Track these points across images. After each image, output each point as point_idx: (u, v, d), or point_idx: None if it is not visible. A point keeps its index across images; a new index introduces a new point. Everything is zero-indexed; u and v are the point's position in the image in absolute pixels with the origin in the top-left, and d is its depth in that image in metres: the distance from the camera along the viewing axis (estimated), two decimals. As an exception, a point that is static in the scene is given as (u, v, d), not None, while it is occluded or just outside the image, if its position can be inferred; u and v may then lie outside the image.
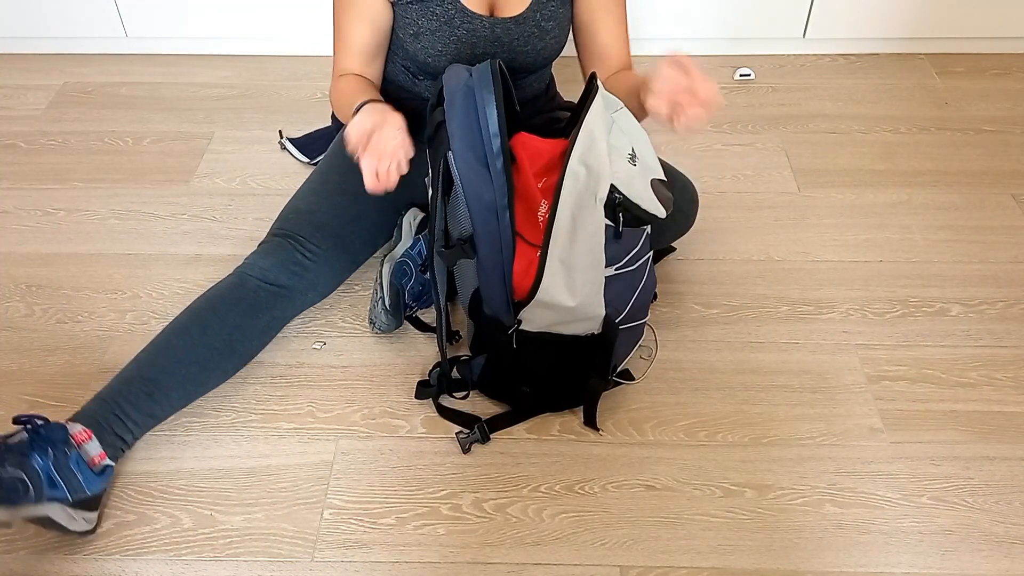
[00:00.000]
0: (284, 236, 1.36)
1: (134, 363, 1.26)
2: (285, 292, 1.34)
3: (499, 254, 1.18)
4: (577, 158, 1.12)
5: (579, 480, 1.26)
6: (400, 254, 1.45)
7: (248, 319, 1.31)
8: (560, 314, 1.21)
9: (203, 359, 1.27)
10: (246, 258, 1.36)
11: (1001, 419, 1.33)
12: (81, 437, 1.16)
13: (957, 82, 2.04)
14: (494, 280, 1.21)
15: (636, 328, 1.32)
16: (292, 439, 1.32)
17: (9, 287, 1.57)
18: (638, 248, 1.23)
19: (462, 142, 1.13)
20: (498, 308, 1.23)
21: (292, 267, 1.34)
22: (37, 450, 1.11)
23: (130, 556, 1.18)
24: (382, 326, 1.42)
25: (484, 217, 1.16)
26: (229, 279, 1.34)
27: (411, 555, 1.18)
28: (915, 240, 1.63)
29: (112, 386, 1.23)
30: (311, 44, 2.12)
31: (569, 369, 1.29)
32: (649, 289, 1.31)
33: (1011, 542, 1.19)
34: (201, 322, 1.28)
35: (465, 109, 1.13)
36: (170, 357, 1.25)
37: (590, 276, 1.18)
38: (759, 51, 2.13)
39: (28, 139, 1.91)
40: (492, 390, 1.35)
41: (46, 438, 1.13)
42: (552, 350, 1.26)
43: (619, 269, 1.21)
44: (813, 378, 1.39)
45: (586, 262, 1.17)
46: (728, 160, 1.83)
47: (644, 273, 1.27)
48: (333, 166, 1.45)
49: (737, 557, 1.17)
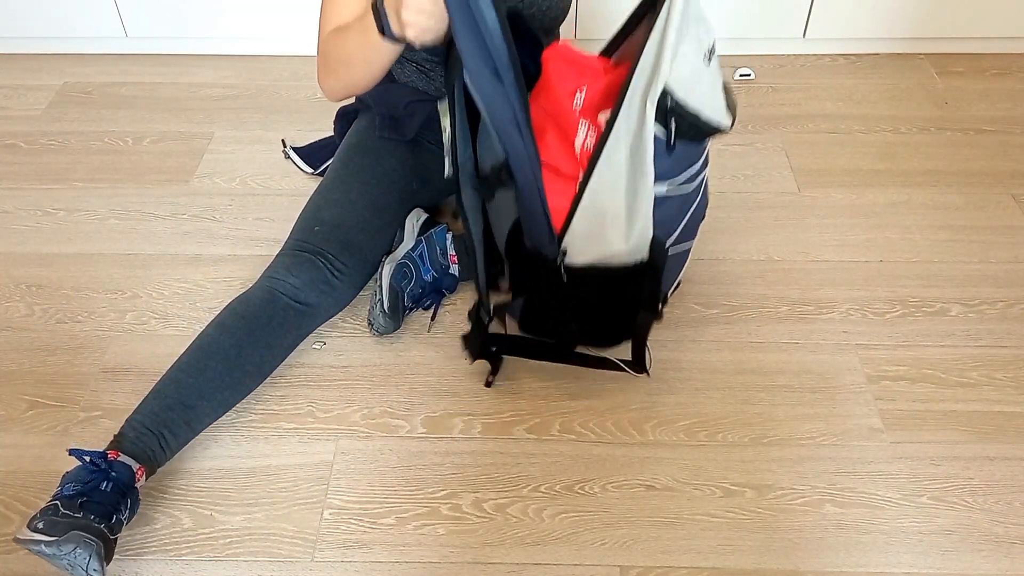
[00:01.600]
0: (314, 253, 1.34)
1: (173, 385, 1.23)
2: (311, 311, 1.34)
3: (531, 173, 1.11)
4: (651, 52, 0.98)
5: (579, 480, 1.26)
6: (401, 255, 1.45)
7: (277, 339, 1.31)
8: (607, 232, 1.10)
9: (237, 383, 1.27)
10: (274, 271, 1.34)
11: (1001, 419, 1.33)
12: (139, 475, 1.17)
13: (957, 82, 2.04)
14: (532, 204, 1.13)
15: (682, 253, 1.22)
16: (292, 439, 1.32)
17: (9, 287, 1.57)
18: (698, 165, 1.11)
19: (473, 60, 1.05)
20: (539, 238, 1.16)
21: (322, 286, 1.34)
22: (124, 505, 1.13)
23: (130, 556, 1.18)
24: (380, 328, 1.42)
25: (511, 137, 1.09)
26: (259, 294, 1.32)
27: (411, 555, 1.18)
28: (915, 240, 1.63)
29: (155, 412, 1.21)
30: (311, 44, 2.12)
31: (617, 302, 1.20)
32: (702, 208, 1.19)
33: (1011, 542, 1.19)
34: (237, 343, 1.27)
35: (465, 21, 1.04)
36: (208, 381, 1.24)
37: (638, 185, 1.07)
38: (759, 51, 2.13)
39: (28, 139, 1.91)
40: (536, 329, 1.28)
41: (124, 487, 1.14)
42: (600, 282, 1.17)
43: (671, 188, 1.10)
44: (813, 378, 1.39)
45: (636, 171, 1.05)
46: (728, 160, 1.83)
47: (699, 193, 1.16)
48: (352, 174, 1.43)
49: (737, 557, 1.17)
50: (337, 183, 1.43)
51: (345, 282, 1.36)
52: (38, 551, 1.06)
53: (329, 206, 1.40)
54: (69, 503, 1.09)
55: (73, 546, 1.05)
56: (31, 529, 1.07)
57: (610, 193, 1.08)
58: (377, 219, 1.41)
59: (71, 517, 1.08)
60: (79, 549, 1.05)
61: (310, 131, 1.90)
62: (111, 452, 1.15)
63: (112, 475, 1.13)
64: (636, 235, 1.11)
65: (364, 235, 1.39)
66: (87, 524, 1.08)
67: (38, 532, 1.06)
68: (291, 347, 1.35)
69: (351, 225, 1.38)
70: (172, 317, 1.50)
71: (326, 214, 1.39)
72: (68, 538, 1.05)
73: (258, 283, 1.34)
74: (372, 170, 1.43)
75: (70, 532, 1.06)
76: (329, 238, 1.36)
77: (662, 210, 1.11)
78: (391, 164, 1.45)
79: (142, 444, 1.18)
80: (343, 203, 1.40)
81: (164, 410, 1.21)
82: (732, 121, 1.08)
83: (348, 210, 1.39)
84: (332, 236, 1.36)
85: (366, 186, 1.41)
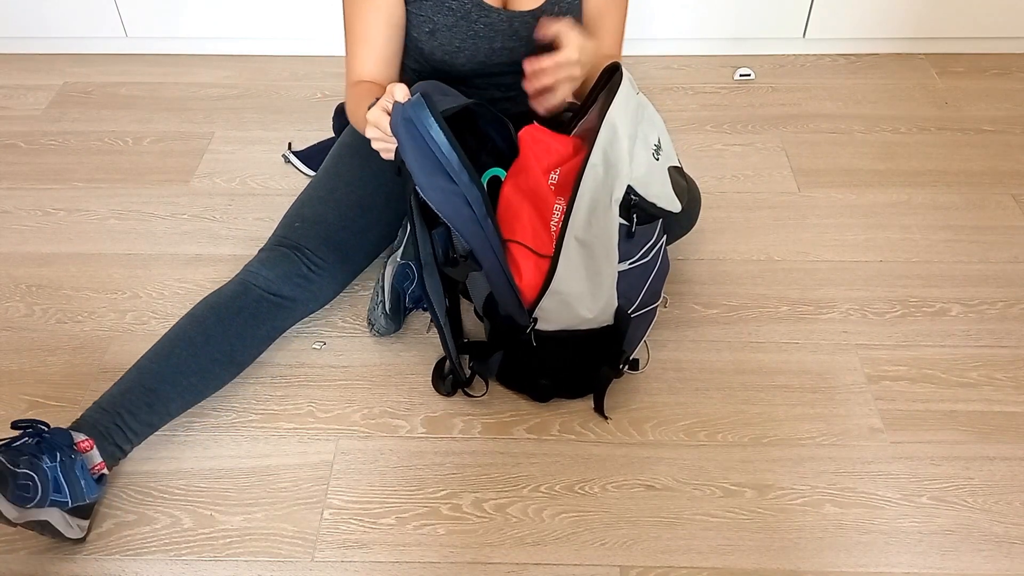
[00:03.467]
0: (290, 247, 1.35)
1: (135, 370, 1.25)
2: (287, 303, 1.33)
3: (496, 260, 1.19)
4: (600, 150, 1.11)
5: (579, 480, 1.26)
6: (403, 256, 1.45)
7: (249, 329, 1.30)
8: (574, 307, 1.21)
9: (204, 369, 1.27)
10: (249, 264, 1.35)
11: (1001, 419, 1.33)
12: (84, 446, 1.16)
13: (957, 82, 2.04)
14: (501, 284, 1.22)
15: (649, 313, 1.32)
16: (292, 439, 1.32)
17: (9, 287, 1.57)
18: (652, 240, 1.24)
19: (422, 172, 1.13)
20: (512, 309, 1.24)
21: (296, 279, 1.33)
22: (47, 453, 1.12)
23: (130, 556, 1.18)
24: (380, 329, 1.42)
25: (472, 231, 1.17)
26: (232, 287, 1.33)
27: (411, 555, 1.18)
28: (915, 240, 1.63)
29: (113, 394, 1.22)
30: (311, 44, 2.13)
31: (585, 361, 1.30)
32: (662, 274, 1.31)
33: (1011, 542, 1.19)
34: (204, 331, 1.28)
35: (411, 139, 1.11)
36: (171, 366, 1.25)
37: (603, 269, 1.18)
38: (759, 51, 2.13)
39: (28, 139, 1.91)
40: (511, 383, 1.37)
41: (52, 443, 1.13)
42: (569, 345, 1.27)
43: (632, 263, 1.22)
44: (813, 378, 1.39)
45: (600, 255, 1.17)
46: (728, 160, 1.83)
47: (657, 261, 1.28)
48: (339, 174, 1.44)
49: (737, 557, 1.17)
50: (324, 182, 1.44)
51: (323, 276, 1.35)
52: None
53: (312, 204, 1.40)
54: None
55: None
56: None
57: (574, 279, 1.18)
58: (362, 219, 1.40)
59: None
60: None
61: (310, 131, 1.90)
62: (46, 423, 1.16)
63: (45, 435, 1.13)
64: (602, 306, 1.23)
65: (347, 233, 1.38)
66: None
67: None
68: (267, 339, 1.34)
69: (332, 222, 1.38)
70: (172, 317, 1.50)
71: (308, 211, 1.39)
72: None
73: (234, 277, 1.35)
74: (360, 170, 1.43)
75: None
76: (308, 234, 1.36)
77: (625, 282, 1.23)
78: (380, 165, 1.44)
79: (93, 419, 1.19)
80: (327, 201, 1.40)
81: (122, 393, 1.22)
82: (682, 203, 1.23)
83: (331, 208, 1.39)
84: (311, 232, 1.36)
85: (351, 186, 1.41)
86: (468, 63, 1.34)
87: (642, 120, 1.16)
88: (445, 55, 1.33)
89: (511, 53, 1.34)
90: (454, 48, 1.32)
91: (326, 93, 2.02)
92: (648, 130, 1.17)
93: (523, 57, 1.30)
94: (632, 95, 1.15)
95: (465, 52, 1.33)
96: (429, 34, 1.32)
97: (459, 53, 1.33)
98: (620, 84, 1.13)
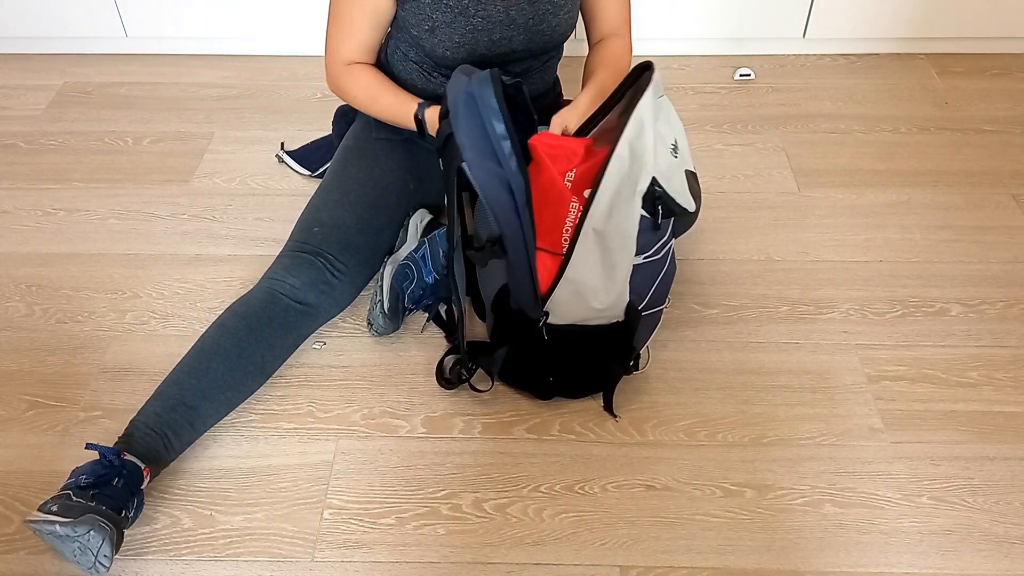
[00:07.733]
0: (312, 252, 1.35)
1: (176, 387, 1.24)
2: (312, 311, 1.34)
3: (524, 250, 1.19)
4: (627, 142, 1.11)
5: (579, 480, 1.26)
6: (404, 256, 1.45)
7: (279, 339, 1.32)
8: (587, 298, 1.21)
9: (238, 383, 1.28)
10: (273, 271, 1.35)
11: (1001, 419, 1.33)
12: (145, 475, 1.17)
13: (957, 82, 2.04)
14: (522, 275, 1.21)
15: (655, 314, 1.33)
16: (292, 439, 1.32)
17: (9, 287, 1.57)
18: (666, 238, 1.24)
19: (473, 150, 1.13)
20: (526, 302, 1.24)
21: (321, 286, 1.34)
22: (130, 499, 1.14)
23: (130, 556, 1.18)
24: (380, 329, 1.42)
25: (508, 218, 1.17)
26: (259, 295, 1.33)
27: (411, 555, 1.18)
28: (915, 240, 1.63)
29: (158, 413, 1.22)
30: (311, 44, 2.12)
31: (593, 358, 1.30)
32: (670, 275, 1.32)
33: (1011, 542, 1.19)
34: (238, 343, 1.28)
35: (469, 116, 1.12)
36: (210, 382, 1.25)
37: (619, 261, 1.18)
38: (759, 51, 2.13)
39: (28, 139, 1.91)
40: (515, 380, 1.36)
41: (131, 485, 1.14)
42: (577, 340, 1.27)
43: (647, 258, 1.22)
44: (813, 378, 1.39)
45: (617, 247, 1.17)
46: (728, 160, 1.83)
47: (667, 261, 1.28)
48: (351, 176, 1.44)
49: (737, 557, 1.17)
50: (336, 184, 1.44)
51: (345, 282, 1.37)
52: (50, 531, 1.05)
53: (328, 207, 1.41)
54: (82, 492, 1.10)
55: (87, 528, 1.05)
56: (43, 511, 1.07)
57: (588, 268, 1.19)
58: (376, 220, 1.41)
59: (85, 503, 1.08)
60: (93, 532, 1.05)
61: (310, 131, 1.90)
62: (121, 451, 1.16)
63: (124, 472, 1.13)
64: (613, 299, 1.22)
65: (363, 235, 1.39)
66: (102, 510, 1.08)
67: (51, 513, 1.06)
68: (292, 347, 1.36)
69: (350, 225, 1.39)
70: (172, 317, 1.50)
71: (325, 215, 1.40)
72: (83, 520, 1.05)
73: (259, 284, 1.35)
74: (370, 171, 1.44)
75: (85, 515, 1.06)
76: (328, 238, 1.37)
77: (636, 278, 1.23)
78: (388, 165, 1.46)
79: (147, 444, 1.19)
80: (342, 204, 1.41)
81: (167, 411, 1.22)
82: (697, 205, 1.27)
83: (347, 211, 1.40)
84: (331, 236, 1.37)
85: (364, 187, 1.42)
86: (469, 57, 1.35)
87: (659, 118, 1.17)
88: (446, 51, 1.34)
89: (510, 42, 1.35)
90: (454, 44, 1.33)
91: (326, 93, 2.02)
92: (665, 129, 1.17)
93: (521, 44, 1.33)
94: (658, 95, 1.17)
95: (465, 47, 1.33)
96: (429, 32, 1.33)
97: (459, 48, 1.33)
98: (649, 83, 1.15)
